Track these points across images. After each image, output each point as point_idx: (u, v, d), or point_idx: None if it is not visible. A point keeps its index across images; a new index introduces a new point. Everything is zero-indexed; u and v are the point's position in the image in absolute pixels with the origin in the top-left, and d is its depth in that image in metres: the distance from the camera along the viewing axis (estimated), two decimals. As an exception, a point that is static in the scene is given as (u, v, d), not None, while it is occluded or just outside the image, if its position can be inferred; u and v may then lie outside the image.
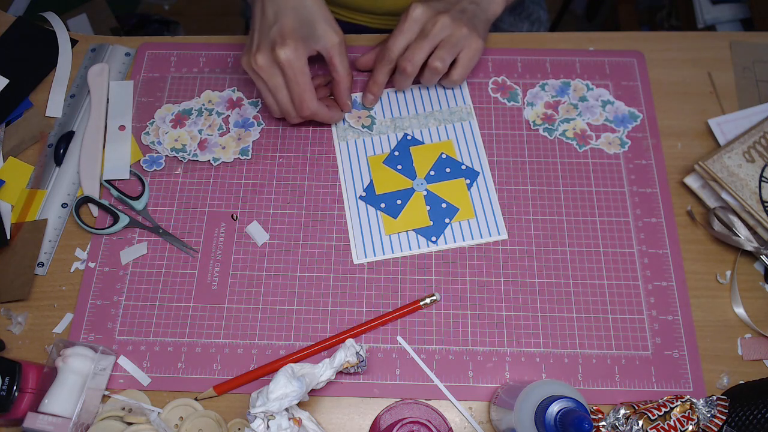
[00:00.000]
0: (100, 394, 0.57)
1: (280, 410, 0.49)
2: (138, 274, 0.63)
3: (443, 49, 0.63)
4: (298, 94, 0.61)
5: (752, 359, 0.59)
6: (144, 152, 0.68)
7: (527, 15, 0.90)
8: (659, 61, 0.72)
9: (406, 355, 0.59)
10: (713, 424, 0.55)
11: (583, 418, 0.43)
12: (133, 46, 0.74)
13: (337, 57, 0.62)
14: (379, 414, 0.56)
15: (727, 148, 0.63)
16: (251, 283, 0.62)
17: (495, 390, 0.58)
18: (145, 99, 0.71)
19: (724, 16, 1.22)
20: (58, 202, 0.66)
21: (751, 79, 0.71)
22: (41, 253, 0.63)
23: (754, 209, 0.61)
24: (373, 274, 0.62)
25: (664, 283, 0.62)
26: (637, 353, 0.59)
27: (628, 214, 0.65)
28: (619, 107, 0.69)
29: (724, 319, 0.61)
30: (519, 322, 0.60)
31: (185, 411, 0.57)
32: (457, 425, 0.57)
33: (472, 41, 0.64)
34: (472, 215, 0.65)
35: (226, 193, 0.66)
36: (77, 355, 0.55)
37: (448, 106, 0.70)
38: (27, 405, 0.54)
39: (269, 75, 0.60)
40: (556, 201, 0.65)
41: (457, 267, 0.63)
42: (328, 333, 0.60)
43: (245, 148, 0.68)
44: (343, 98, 0.67)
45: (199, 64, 0.73)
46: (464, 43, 0.64)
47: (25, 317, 0.61)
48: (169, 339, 0.60)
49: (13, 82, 0.71)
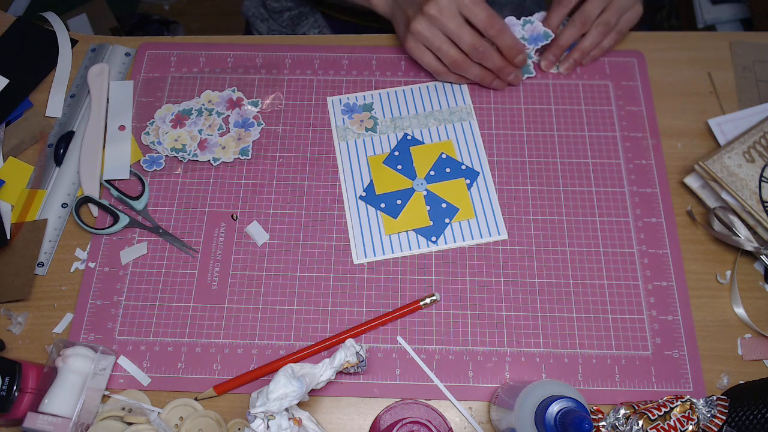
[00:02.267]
0: (100, 394, 0.57)
1: (280, 410, 0.49)
2: (138, 274, 0.63)
3: (614, 8, 0.67)
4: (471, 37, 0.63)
5: (752, 359, 0.59)
6: (144, 152, 0.68)
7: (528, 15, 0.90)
8: (659, 61, 0.72)
9: (406, 355, 0.59)
10: (713, 424, 0.54)
11: (583, 418, 0.43)
12: (133, 46, 0.74)
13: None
14: (379, 414, 0.56)
15: (727, 148, 0.63)
16: (251, 283, 0.62)
17: (495, 390, 0.58)
18: (145, 99, 0.71)
19: (724, 16, 1.23)
20: (58, 202, 0.66)
21: (751, 79, 0.71)
22: (41, 253, 0.63)
23: (754, 209, 0.61)
24: (373, 274, 0.62)
25: (664, 283, 0.62)
26: (637, 353, 0.59)
27: (628, 214, 0.65)
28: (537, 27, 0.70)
29: (724, 319, 0.61)
30: (519, 322, 0.60)
31: (185, 411, 0.57)
32: (457, 425, 0.57)
33: (636, 5, 0.68)
34: (472, 215, 0.65)
35: (226, 193, 0.66)
36: (77, 355, 0.55)
37: (448, 106, 0.70)
38: (27, 405, 0.54)
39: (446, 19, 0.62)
40: (556, 201, 0.65)
41: (457, 267, 0.63)
42: (328, 333, 0.60)
43: (245, 148, 0.68)
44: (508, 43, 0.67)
45: (199, 64, 0.73)
46: (629, 4, 0.67)
47: (25, 317, 0.61)
48: (169, 339, 0.60)
49: (13, 82, 0.71)
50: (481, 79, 0.68)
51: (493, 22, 0.63)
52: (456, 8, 0.62)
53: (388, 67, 0.72)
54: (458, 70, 0.66)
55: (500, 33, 0.64)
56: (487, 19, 0.63)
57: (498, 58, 0.66)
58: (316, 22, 0.85)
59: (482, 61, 0.65)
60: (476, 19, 0.63)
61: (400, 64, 0.73)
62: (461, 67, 0.66)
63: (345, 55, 0.73)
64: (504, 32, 0.64)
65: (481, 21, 0.63)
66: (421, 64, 0.68)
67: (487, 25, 0.63)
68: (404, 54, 0.73)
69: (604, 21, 0.67)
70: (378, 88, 0.71)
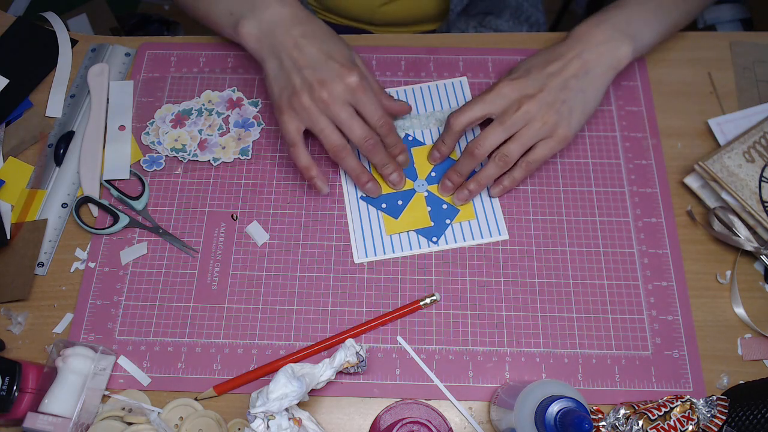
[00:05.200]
0: (100, 394, 0.57)
1: (280, 410, 0.49)
2: (138, 274, 0.63)
3: (518, 141, 0.59)
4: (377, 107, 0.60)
5: (752, 359, 0.59)
6: (144, 152, 0.68)
7: (525, 18, 0.90)
8: (659, 61, 0.72)
9: (406, 355, 0.59)
10: (713, 424, 0.55)
11: (583, 418, 0.43)
12: (133, 46, 0.74)
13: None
14: (379, 414, 0.56)
15: (727, 148, 0.63)
16: (251, 283, 0.62)
17: (495, 390, 0.58)
18: (145, 99, 0.71)
19: (724, 16, 1.22)
20: (58, 202, 0.66)
21: (751, 79, 0.71)
22: (41, 253, 0.63)
23: (754, 209, 0.61)
24: (373, 274, 0.62)
25: (664, 283, 0.62)
26: (637, 353, 0.59)
27: (628, 214, 0.65)
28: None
29: (724, 319, 0.61)
30: (519, 322, 0.60)
31: (185, 411, 0.57)
32: (457, 425, 0.57)
33: (558, 130, 0.59)
34: (472, 216, 0.64)
35: (226, 193, 0.66)
36: (77, 355, 0.55)
37: (449, 107, 0.70)
38: (27, 405, 0.54)
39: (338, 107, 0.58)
40: (556, 201, 0.65)
41: (457, 267, 0.63)
42: (328, 333, 0.60)
43: (245, 148, 0.68)
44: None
45: (199, 64, 0.73)
46: (546, 132, 0.59)
47: (25, 317, 0.61)
48: (169, 339, 0.60)
49: (13, 82, 0.71)
50: (357, 174, 0.62)
51: (386, 120, 0.60)
52: (348, 98, 0.58)
53: (388, 67, 0.72)
54: (337, 157, 0.60)
55: (390, 131, 0.61)
56: (380, 116, 0.60)
57: (385, 154, 0.62)
58: None
59: (370, 154, 0.61)
60: (368, 114, 0.59)
61: (400, 64, 0.73)
62: (341, 154, 0.60)
63: (345, 55, 0.73)
64: (393, 131, 0.62)
65: (373, 118, 0.59)
66: (284, 136, 0.61)
67: (378, 123, 0.60)
68: (404, 54, 0.73)
69: (504, 153, 0.59)
70: (378, 88, 0.71)
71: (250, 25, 0.62)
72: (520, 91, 0.59)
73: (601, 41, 0.60)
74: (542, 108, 0.58)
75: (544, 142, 0.60)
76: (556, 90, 0.59)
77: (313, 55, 0.59)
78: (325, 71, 0.58)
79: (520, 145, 0.59)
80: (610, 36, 0.61)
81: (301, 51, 0.60)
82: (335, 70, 0.58)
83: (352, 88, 0.58)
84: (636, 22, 0.62)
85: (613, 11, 0.63)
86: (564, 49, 0.61)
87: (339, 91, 0.58)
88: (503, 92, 0.59)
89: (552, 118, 0.58)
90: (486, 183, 0.62)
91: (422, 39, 0.74)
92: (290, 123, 0.60)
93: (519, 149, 0.59)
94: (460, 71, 0.72)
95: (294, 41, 0.60)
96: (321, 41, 0.60)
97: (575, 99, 0.60)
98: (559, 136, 0.59)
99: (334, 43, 0.61)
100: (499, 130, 0.59)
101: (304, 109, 0.59)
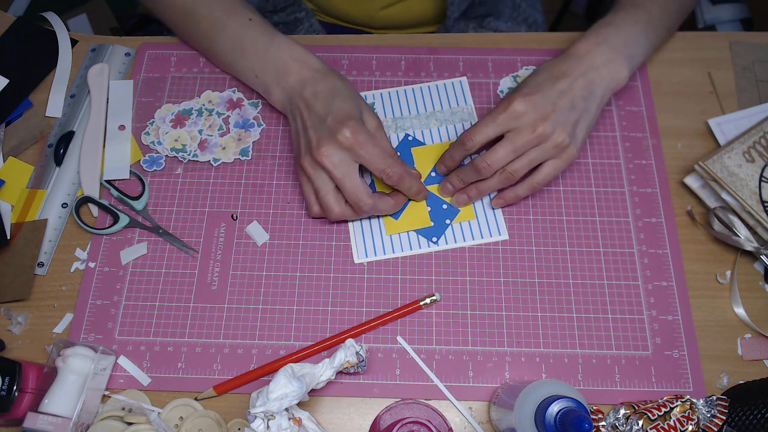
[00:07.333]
0: (100, 394, 0.57)
1: (280, 410, 0.49)
2: (138, 274, 0.63)
3: (526, 159, 0.59)
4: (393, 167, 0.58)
5: (752, 359, 0.59)
6: (144, 152, 0.68)
7: (524, 18, 0.90)
8: (659, 61, 0.72)
9: (406, 355, 0.59)
10: (713, 424, 0.55)
11: (583, 418, 0.43)
12: (133, 46, 0.74)
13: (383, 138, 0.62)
14: (379, 414, 0.56)
15: (727, 148, 0.63)
16: (251, 283, 0.62)
17: (495, 390, 0.58)
18: (145, 99, 0.71)
19: (724, 16, 1.22)
20: (58, 202, 0.66)
21: (751, 79, 0.71)
22: (41, 253, 0.63)
23: (754, 209, 0.61)
24: (373, 274, 0.62)
25: (664, 283, 0.62)
26: (637, 353, 0.59)
27: (628, 214, 0.65)
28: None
29: (724, 319, 0.61)
30: (519, 322, 0.60)
31: (185, 411, 0.57)
32: (457, 425, 0.57)
33: (566, 151, 0.59)
34: (472, 216, 0.64)
35: (226, 193, 0.66)
36: (77, 355, 0.55)
37: (449, 107, 0.70)
38: (27, 405, 0.54)
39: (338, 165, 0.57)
40: (556, 201, 0.65)
41: (457, 267, 0.63)
42: (328, 333, 0.60)
43: (245, 149, 0.68)
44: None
45: (199, 64, 0.73)
46: (554, 153, 0.59)
47: (25, 317, 0.61)
48: (169, 339, 0.60)
49: (13, 82, 0.71)
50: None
51: (391, 167, 0.58)
52: (344, 156, 0.57)
53: (388, 67, 0.72)
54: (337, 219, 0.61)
55: (400, 179, 0.59)
56: (384, 167, 0.58)
57: (391, 205, 0.62)
58: (311, 27, 0.84)
59: (364, 214, 0.61)
60: (371, 167, 0.58)
61: (400, 64, 0.73)
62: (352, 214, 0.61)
63: (345, 55, 0.73)
64: (403, 177, 0.59)
65: (377, 169, 0.58)
66: (302, 187, 0.62)
67: (383, 174, 0.59)
68: (404, 54, 0.73)
69: (510, 170, 0.59)
70: (378, 88, 0.71)
71: (277, 92, 0.64)
72: (534, 109, 0.58)
73: (602, 63, 0.61)
74: (555, 129, 0.58)
75: (552, 162, 0.60)
76: (566, 111, 0.59)
77: (317, 114, 0.59)
78: (321, 130, 0.58)
79: (528, 164, 0.60)
80: (609, 58, 0.61)
81: (310, 111, 0.60)
82: (330, 128, 0.58)
83: (346, 146, 0.57)
84: (632, 44, 0.63)
85: (611, 30, 0.63)
86: (567, 68, 0.61)
87: (332, 150, 0.57)
88: (518, 111, 0.58)
89: (563, 139, 0.59)
90: (487, 193, 0.63)
91: (422, 39, 0.75)
92: (304, 186, 0.61)
93: (526, 168, 0.60)
94: (460, 71, 0.72)
95: (306, 102, 0.61)
96: (327, 99, 0.60)
97: (582, 119, 0.60)
98: (567, 156, 0.60)
99: (341, 99, 0.60)
100: (510, 150, 0.59)
101: (303, 172, 0.60)
